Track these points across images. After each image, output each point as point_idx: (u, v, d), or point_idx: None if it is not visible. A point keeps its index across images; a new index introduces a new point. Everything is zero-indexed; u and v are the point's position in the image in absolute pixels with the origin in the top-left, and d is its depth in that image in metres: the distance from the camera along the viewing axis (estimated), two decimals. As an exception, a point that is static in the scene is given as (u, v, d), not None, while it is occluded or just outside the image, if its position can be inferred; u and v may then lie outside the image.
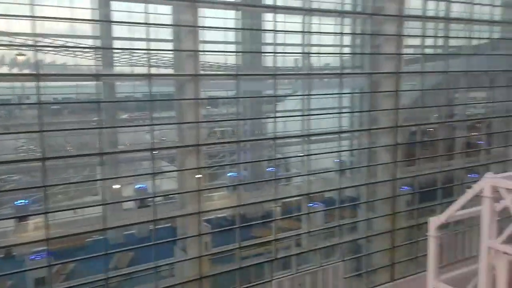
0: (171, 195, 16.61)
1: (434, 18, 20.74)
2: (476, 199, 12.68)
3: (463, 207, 13.40)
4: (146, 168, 16.38)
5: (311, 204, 16.88)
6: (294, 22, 15.65)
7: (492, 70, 22.75)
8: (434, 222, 13.73)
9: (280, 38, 15.37)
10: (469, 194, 13.99)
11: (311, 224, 16.96)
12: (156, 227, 13.56)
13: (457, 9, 21.50)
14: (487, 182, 13.88)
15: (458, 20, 21.31)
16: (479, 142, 23.97)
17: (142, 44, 12.77)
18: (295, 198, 16.72)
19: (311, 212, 16.71)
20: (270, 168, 16.91)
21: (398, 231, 19.33)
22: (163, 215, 14.01)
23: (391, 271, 19.29)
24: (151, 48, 12.82)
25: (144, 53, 12.97)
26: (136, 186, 17.27)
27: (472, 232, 13.90)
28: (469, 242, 14.22)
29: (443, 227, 13.72)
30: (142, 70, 13.15)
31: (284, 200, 16.68)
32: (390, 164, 19.09)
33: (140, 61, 13.96)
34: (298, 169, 17.57)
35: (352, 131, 19.00)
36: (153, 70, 13.14)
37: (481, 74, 22.78)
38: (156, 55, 14.49)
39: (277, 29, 15.10)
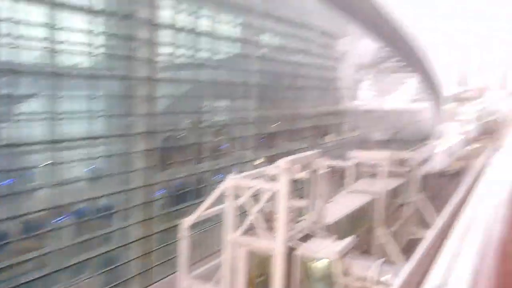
0: None
1: (185, 30, 24.10)
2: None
3: (212, 206, 16.58)
4: None
5: (60, 218, 16.65)
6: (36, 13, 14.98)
7: (233, 82, 29.21)
8: (185, 222, 16.38)
9: (17, 30, 14.53)
10: (215, 194, 17.48)
11: (59, 241, 16.79)
12: None
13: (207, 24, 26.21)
14: (229, 182, 17.79)
15: (206, 34, 25.94)
16: (223, 146, 29.75)
17: None
18: (39, 213, 16.15)
19: (51, 230, 16.58)
20: (8, 181, 15.36)
21: (155, 235, 21.30)
22: None
23: (148, 277, 21.05)
24: None
25: None
26: None
27: (220, 228, 16.38)
28: (218, 238, 16.68)
29: (195, 226, 16.38)
30: None
31: (26, 217, 15.94)
32: (145, 169, 20.62)
33: None
34: (45, 179, 16.74)
35: (104, 137, 19.46)
36: None
37: (226, 85, 28.59)
38: None
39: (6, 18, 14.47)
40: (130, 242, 20.45)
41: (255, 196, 16.06)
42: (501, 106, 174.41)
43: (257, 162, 31.82)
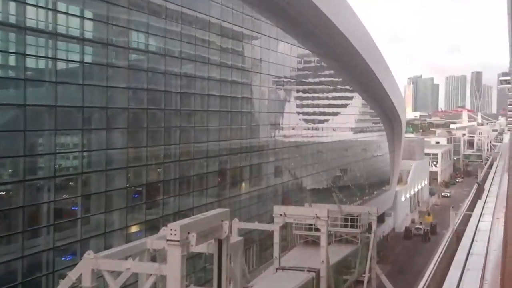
0: None
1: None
2: None
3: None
4: None
5: None
6: None
7: (88, 106, 28.75)
8: None
9: None
10: (64, 284, 16.56)
11: None
12: None
13: (36, 17, 25.71)
14: (85, 265, 17.03)
15: (35, 31, 25.54)
16: (74, 208, 28.65)
17: None
18: None
19: None
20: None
21: None
22: None
23: None
24: None
25: None
26: None
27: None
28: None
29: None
30: None
31: None
32: None
33: None
34: None
35: None
36: None
37: (72, 110, 28.08)
38: None
39: None
40: None
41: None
42: (483, 135, 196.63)
43: (131, 230, 31.27)
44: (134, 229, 32.00)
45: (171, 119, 35.52)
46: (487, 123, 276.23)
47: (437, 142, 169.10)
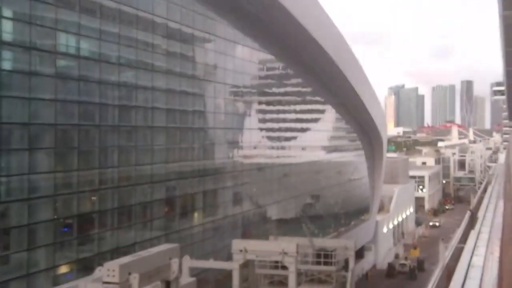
0: None
1: None
2: None
3: None
4: None
5: None
6: None
7: (6, 122, 28.33)
8: None
9: None
10: None
11: None
12: None
13: None
14: None
15: None
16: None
17: None
18: None
19: None
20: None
21: None
22: None
23: None
24: None
25: None
26: None
27: None
28: None
29: None
30: None
31: None
32: None
33: None
34: None
35: None
36: None
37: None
38: None
39: None
40: None
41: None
42: (476, 154, 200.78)
43: (59, 271, 30.90)
44: (63, 269, 31.61)
45: (107, 137, 35.32)
46: (480, 140, 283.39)
47: (424, 163, 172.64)
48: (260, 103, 57.96)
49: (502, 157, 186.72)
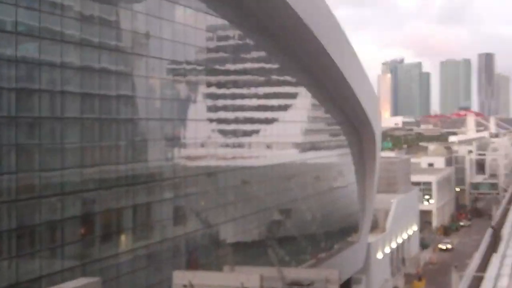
0: None
1: None
2: None
3: None
4: None
5: None
6: None
7: None
8: None
9: None
10: None
11: None
12: None
13: None
14: None
15: None
16: None
17: None
18: None
19: None
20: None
21: None
22: None
23: None
24: None
25: None
26: None
27: None
28: None
29: None
30: None
31: None
32: None
33: None
34: None
35: None
36: None
37: None
38: None
39: None
40: None
41: None
42: (500, 152, 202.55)
43: None
44: None
45: (0, 133, 35.08)
46: (505, 134, 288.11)
47: (431, 165, 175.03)
48: (209, 84, 57.88)
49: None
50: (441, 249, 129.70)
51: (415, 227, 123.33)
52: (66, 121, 39.61)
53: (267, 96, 68.17)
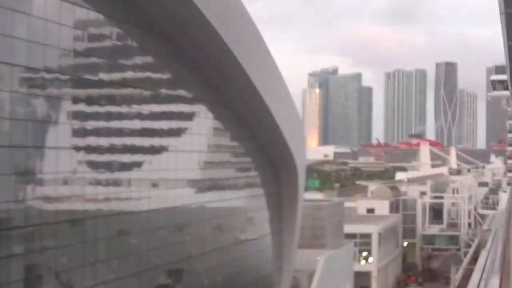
0: None
1: None
2: None
3: None
4: None
5: None
6: None
7: None
8: None
9: None
10: None
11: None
12: None
13: None
14: None
15: None
16: None
17: None
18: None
19: None
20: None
21: None
22: None
23: None
24: None
25: None
26: None
27: None
28: None
29: None
30: None
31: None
32: None
33: None
34: None
35: None
36: None
37: None
38: None
39: None
40: None
41: None
42: (462, 194, 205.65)
43: None
44: None
45: None
46: (469, 170, 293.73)
47: (371, 210, 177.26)
48: (76, 100, 57.73)
49: (504, 198, 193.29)
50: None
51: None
52: None
53: (153, 116, 68.21)
